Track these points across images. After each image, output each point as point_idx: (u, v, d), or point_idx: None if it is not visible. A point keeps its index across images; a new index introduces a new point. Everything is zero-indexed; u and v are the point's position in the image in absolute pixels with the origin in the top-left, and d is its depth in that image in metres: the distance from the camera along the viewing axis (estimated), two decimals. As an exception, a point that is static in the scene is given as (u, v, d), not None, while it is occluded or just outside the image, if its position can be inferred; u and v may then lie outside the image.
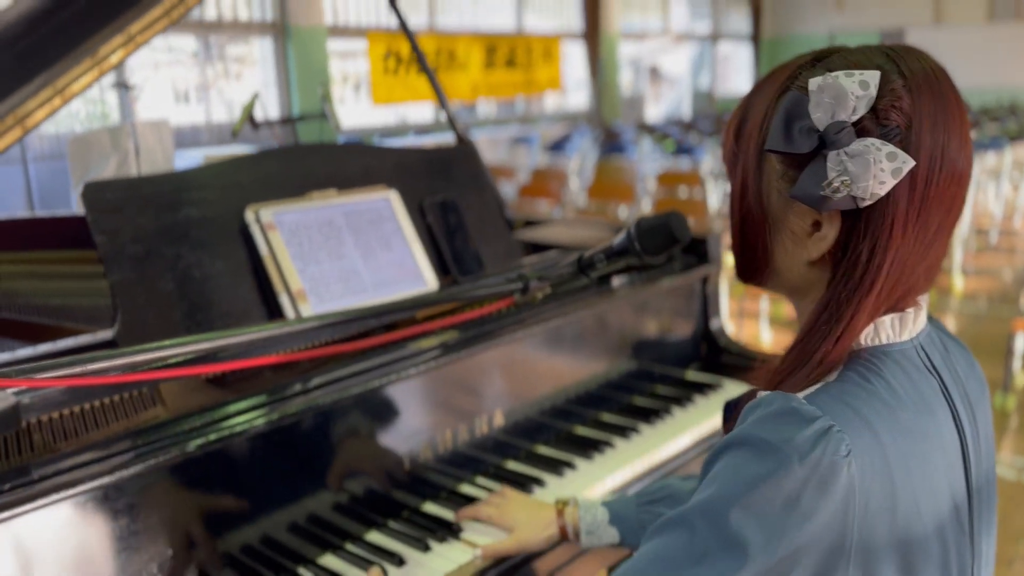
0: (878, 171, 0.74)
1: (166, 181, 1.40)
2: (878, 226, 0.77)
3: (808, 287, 0.86)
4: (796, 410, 0.76)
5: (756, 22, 18.12)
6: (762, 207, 0.84)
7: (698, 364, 1.96)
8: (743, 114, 0.87)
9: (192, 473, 1.13)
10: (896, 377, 0.81)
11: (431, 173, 1.74)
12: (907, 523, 0.78)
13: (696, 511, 0.79)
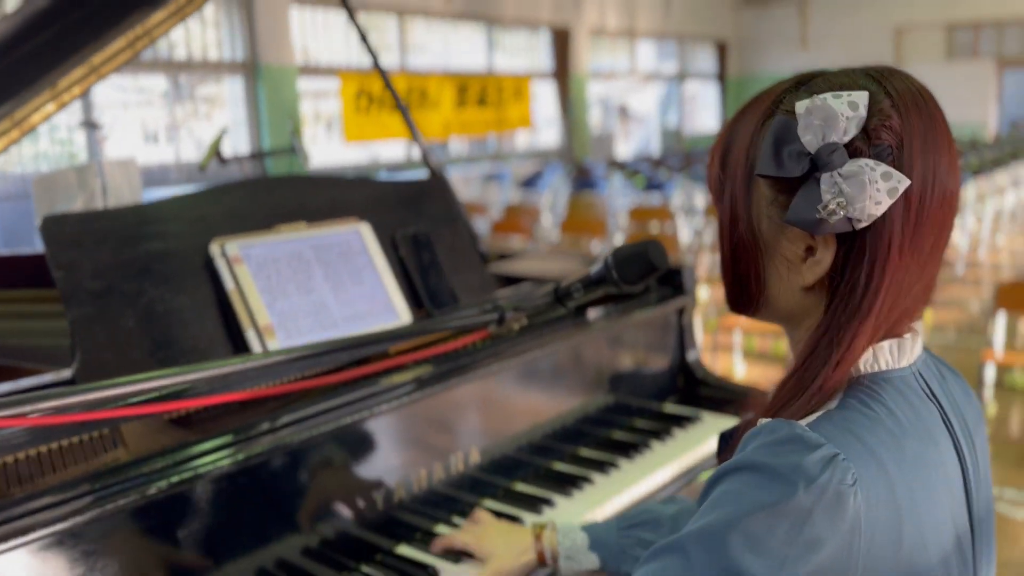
0: (874, 191, 0.73)
1: (128, 214, 1.35)
2: (876, 248, 0.76)
3: (803, 314, 0.84)
4: (801, 437, 0.74)
5: (722, 62, 18.48)
6: (753, 234, 0.82)
7: (676, 397, 1.94)
8: (727, 142, 0.85)
9: (154, 517, 1.07)
10: (898, 404, 0.79)
11: (403, 206, 1.71)
12: (912, 556, 0.75)
13: (692, 538, 0.75)
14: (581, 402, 1.70)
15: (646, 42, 16.50)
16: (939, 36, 16.42)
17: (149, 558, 1.07)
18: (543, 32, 13.85)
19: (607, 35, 15.35)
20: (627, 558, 1.17)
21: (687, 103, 17.66)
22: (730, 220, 0.84)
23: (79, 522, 0.99)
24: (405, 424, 1.36)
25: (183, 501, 1.09)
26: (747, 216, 0.82)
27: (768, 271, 0.83)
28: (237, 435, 1.17)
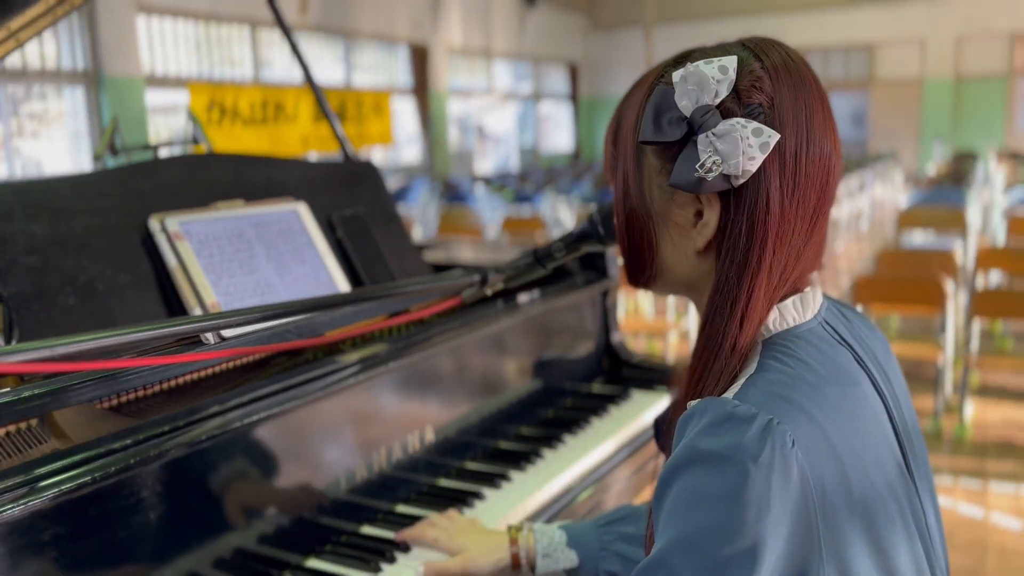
0: (746, 147, 0.76)
1: (61, 186, 1.25)
2: (754, 202, 0.79)
3: (701, 280, 0.87)
4: (733, 413, 0.75)
5: (574, 83, 19.08)
6: (645, 205, 0.86)
7: (602, 378, 1.98)
8: (618, 119, 0.89)
9: (93, 510, 0.97)
10: (812, 356, 0.82)
11: (335, 187, 1.67)
12: (863, 494, 0.78)
13: (671, 550, 0.76)
14: (515, 385, 1.71)
15: (502, 62, 16.81)
16: (770, 62, 17.62)
17: (94, 553, 0.97)
18: (401, 49, 13.84)
19: (464, 54, 15.52)
20: (607, 555, 1.16)
21: (542, 122, 18.10)
22: (623, 194, 0.87)
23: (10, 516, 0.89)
24: (344, 410, 1.30)
25: (125, 491, 1.00)
26: (638, 188, 0.86)
27: (662, 239, 0.86)
28: (182, 420, 1.09)
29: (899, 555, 0.82)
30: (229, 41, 11.13)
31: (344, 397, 1.29)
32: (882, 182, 13.05)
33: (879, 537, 0.80)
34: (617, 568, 1.14)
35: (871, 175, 11.66)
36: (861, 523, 0.78)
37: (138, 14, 9.58)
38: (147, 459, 1.01)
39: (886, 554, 0.81)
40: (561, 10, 18.46)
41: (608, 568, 1.15)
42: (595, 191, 8.64)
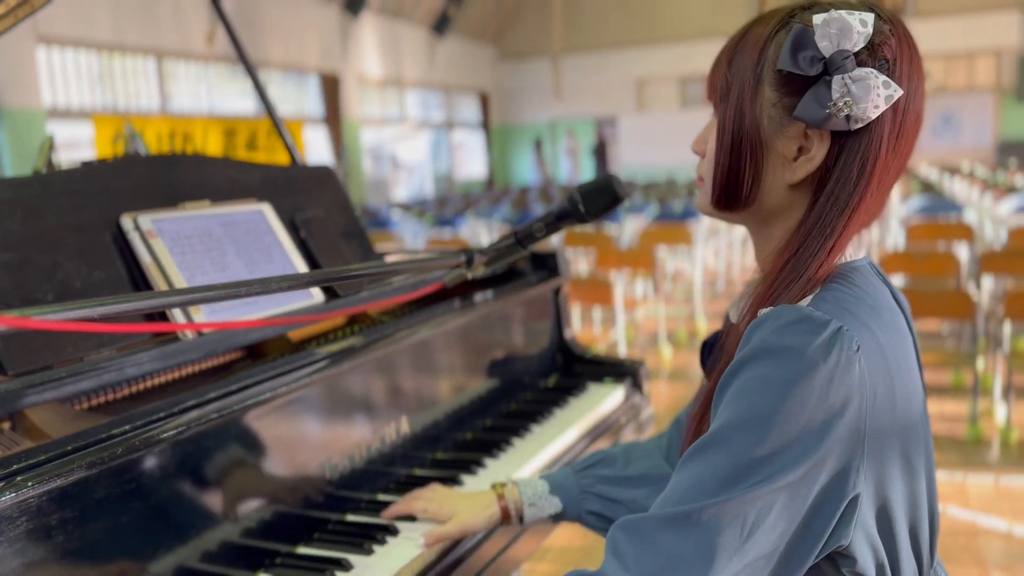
0: (875, 96, 0.85)
1: (32, 183, 1.24)
2: (869, 146, 0.87)
3: (785, 210, 0.94)
4: (809, 316, 0.83)
5: (485, 111, 19.30)
6: (756, 129, 0.92)
7: (557, 374, 2.04)
8: (735, 50, 0.95)
9: (75, 505, 0.96)
10: (867, 286, 0.91)
11: (296, 190, 1.69)
12: (904, 412, 0.86)
13: (730, 428, 0.82)
14: (476, 382, 1.74)
15: (414, 92, 16.90)
16: (674, 88, 18.32)
17: (79, 549, 0.96)
18: (312, 78, 13.76)
19: (375, 84, 15.54)
20: (588, 497, 1.23)
21: (456, 150, 18.22)
22: (735, 117, 0.93)
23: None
24: (308, 406, 1.32)
25: (106, 484, 0.99)
26: (752, 113, 0.92)
27: (764, 164, 0.93)
28: (160, 414, 1.08)
29: (920, 483, 0.89)
30: (134, 72, 10.87)
31: (302, 395, 1.29)
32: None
33: (910, 461, 0.88)
34: (598, 507, 1.22)
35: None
36: (899, 442, 0.86)
37: (38, 45, 9.27)
38: (123, 453, 1.00)
39: (912, 477, 0.88)
40: (470, 40, 18.72)
41: (589, 508, 1.22)
42: (514, 213, 8.77)
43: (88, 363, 1.15)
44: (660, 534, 0.83)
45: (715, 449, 0.83)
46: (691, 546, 0.81)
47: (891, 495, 0.86)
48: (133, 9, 10.45)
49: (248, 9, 12.15)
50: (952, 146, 16.36)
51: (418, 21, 16.72)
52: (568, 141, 16.70)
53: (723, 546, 0.80)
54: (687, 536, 0.81)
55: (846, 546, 0.85)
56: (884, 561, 0.88)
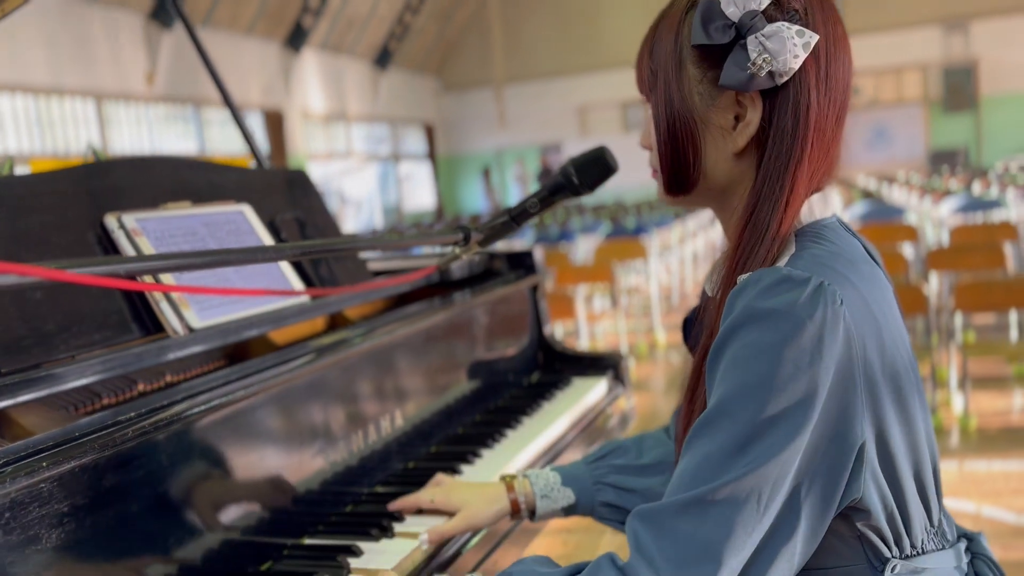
0: (791, 46, 0.87)
1: (15, 183, 1.21)
2: (798, 95, 0.89)
3: (737, 182, 0.96)
4: (789, 276, 0.84)
5: (431, 143, 19.38)
6: (689, 110, 0.94)
7: (539, 371, 2.05)
8: (653, 40, 0.98)
9: (71, 498, 0.93)
10: (840, 241, 0.93)
11: (273, 192, 1.68)
12: (893, 357, 0.88)
13: (729, 400, 0.82)
14: (461, 381, 1.74)
15: (359, 125, 16.89)
16: (616, 113, 18.64)
17: (72, 541, 0.92)
18: (254, 115, 13.68)
19: (320, 118, 15.51)
20: (602, 488, 1.21)
21: (404, 182, 18.23)
22: (666, 103, 0.95)
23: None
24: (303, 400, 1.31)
25: (103, 479, 0.96)
26: (680, 95, 0.94)
27: (705, 142, 0.95)
28: (151, 405, 1.06)
29: (917, 425, 0.91)
30: (73, 115, 10.68)
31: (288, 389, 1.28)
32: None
33: (905, 404, 0.89)
34: (613, 498, 1.20)
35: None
36: (892, 387, 0.87)
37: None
38: (116, 447, 0.97)
39: (910, 422, 0.90)
40: (413, 73, 18.83)
41: (603, 499, 1.20)
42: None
43: (79, 361, 1.12)
44: (678, 522, 0.82)
45: (717, 424, 0.83)
46: (710, 529, 0.81)
47: (892, 442, 0.87)
48: (70, 51, 10.30)
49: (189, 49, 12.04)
50: (886, 157, 16.90)
51: (360, 55, 16.77)
52: (517, 168, 16.84)
53: (743, 523, 0.80)
54: (705, 519, 0.81)
55: (859, 499, 0.86)
56: (894, 510, 0.89)
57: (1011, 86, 16.57)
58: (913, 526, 0.91)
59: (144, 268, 0.72)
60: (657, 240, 7.49)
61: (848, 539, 0.89)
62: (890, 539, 0.89)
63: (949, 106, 17.01)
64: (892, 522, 0.89)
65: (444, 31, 19.22)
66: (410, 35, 17.84)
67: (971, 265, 4.69)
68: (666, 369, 5.61)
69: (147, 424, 1.03)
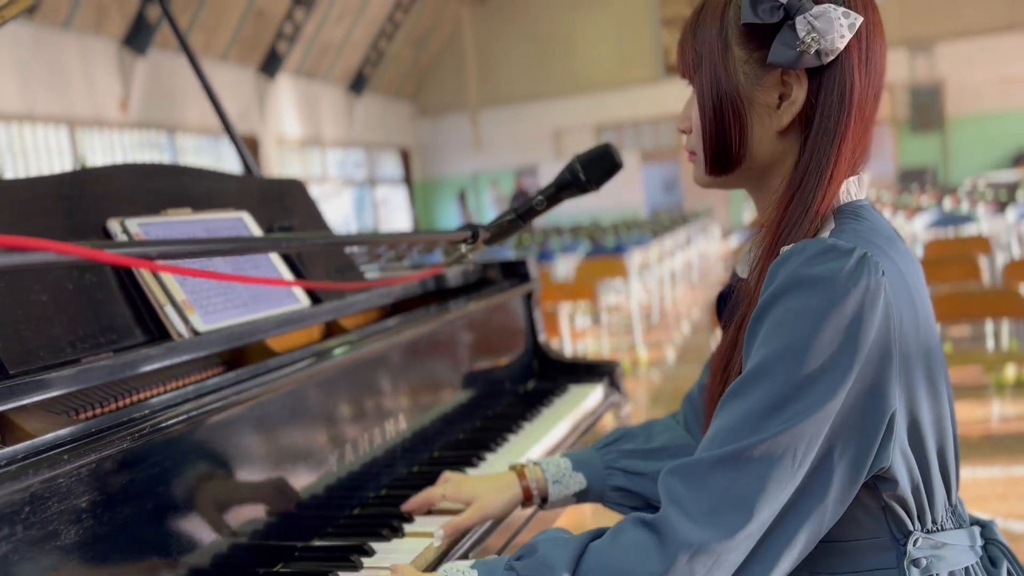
0: (838, 26, 0.90)
1: (18, 187, 1.21)
2: (842, 75, 0.93)
3: (780, 159, 0.98)
4: (834, 246, 0.86)
5: (407, 167, 19.41)
6: (735, 88, 0.97)
7: (535, 379, 2.05)
8: (695, 25, 1.00)
9: (83, 499, 0.93)
10: (877, 220, 0.96)
11: (271, 201, 1.68)
12: (926, 333, 0.91)
13: (770, 361, 0.84)
14: (458, 388, 1.74)
15: (334, 151, 16.89)
16: (590, 135, 18.78)
17: (79, 546, 0.91)
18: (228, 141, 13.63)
19: (295, 144, 15.50)
20: (613, 472, 1.22)
21: (380, 206, 18.23)
22: (712, 82, 0.98)
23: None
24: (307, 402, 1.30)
25: (106, 486, 0.95)
26: (727, 74, 0.97)
27: (751, 119, 0.97)
28: (154, 408, 1.05)
29: (944, 405, 0.93)
30: (46, 142, 10.59)
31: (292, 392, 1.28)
32: (704, 237, 14.04)
33: (934, 380, 0.91)
34: (623, 482, 1.21)
35: (694, 231, 12.54)
36: (924, 364, 0.89)
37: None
38: (122, 447, 0.96)
39: (938, 399, 0.92)
40: (388, 98, 18.89)
41: (614, 483, 1.21)
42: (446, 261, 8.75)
43: (86, 363, 1.11)
44: (714, 475, 0.84)
45: (756, 383, 0.85)
46: (746, 482, 0.83)
47: (920, 416, 0.90)
48: (43, 77, 10.23)
49: (163, 75, 12.03)
50: (856, 177, 17.15)
51: (335, 81, 16.81)
52: (493, 191, 16.91)
53: (777, 478, 0.83)
54: (740, 473, 0.83)
55: (887, 468, 0.88)
56: (919, 483, 0.91)
57: (976, 106, 16.95)
58: (936, 502, 0.92)
59: (177, 252, 0.72)
60: (638, 258, 7.54)
61: (873, 511, 0.91)
62: (914, 512, 0.91)
63: (916, 126, 17.34)
64: (917, 495, 0.91)
65: (419, 57, 19.32)
66: (385, 61, 17.91)
67: (947, 277, 4.77)
68: (648, 386, 5.63)
69: (155, 424, 1.02)
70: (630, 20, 18.39)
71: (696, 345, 6.88)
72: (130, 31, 11.40)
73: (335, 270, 1.71)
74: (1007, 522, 3.04)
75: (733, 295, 1.05)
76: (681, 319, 8.21)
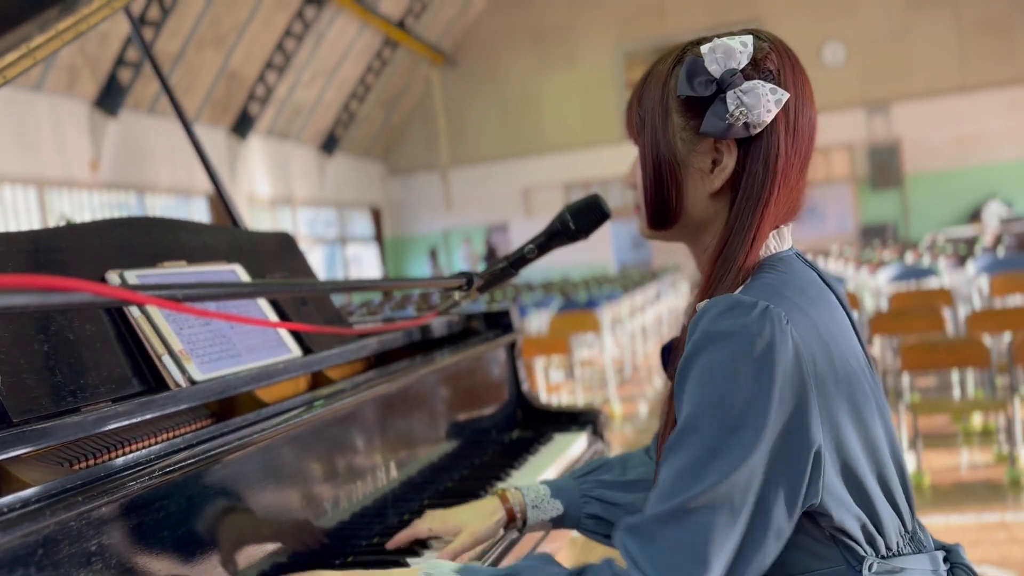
0: (766, 102, 0.98)
1: (21, 239, 1.23)
2: (768, 146, 1.00)
3: (712, 218, 1.06)
4: (740, 301, 0.94)
5: (378, 225, 19.49)
6: (672, 152, 1.04)
7: (519, 428, 2.07)
8: (642, 91, 1.08)
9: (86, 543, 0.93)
10: (792, 270, 1.03)
11: (262, 254, 1.71)
12: (844, 370, 0.97)
13: (694, 417, 0.91)
14: (443, 438, 1.76)
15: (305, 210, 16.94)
16: (558, 193, 19.06)
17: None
18: (199, 200, 13.65)
19: (266, 203, 15.53)
20: (588, 500, 1.28)
21: (351, 264, 18.23)
22: (652, 146, 1.06)
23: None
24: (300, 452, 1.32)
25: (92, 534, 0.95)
26: (665, 139, 1.05)
27: (685, 182, 1.05)
28: (150, 456, 1.06)
29: (875, 429, 0.99)
30: (13, 203, 10.52)
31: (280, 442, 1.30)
32: (673, 292, 14.22)
33: (859, 410, 0.97)
34: (598, 511, 1.27)
35: (664, 286, 12.70)
36: (846, 394, 0.95)
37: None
38: (110, 501, 0.98)
39: (866, 427, 0.97)
40: (359, 158, 19.07)
41: (589, 511, 1.27)
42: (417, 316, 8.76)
43: (86, 412, 1.13)
44: (662, 530, 0.90)
45: (687, 439, 0.91)
46: (692, 535, 0.88)
47: (849, 446, 0.95)
48: (13, 138, 10.22)
49: (134, 135, 12.07)
50: (818, 233, 17.56)
51: (306, 141, 16.95)
52: (465, 248, 17.03)
53: (720, 527, 0.88)
54: (684, 528, 0.89)
55: (818, 504, 0.93)
56: (860, 513, 0.96)
57: (933, 164, 17.51)
58: (885, 529, 0.97)
59: (202, 295, 0.75)
60: (610, 313, 7.62)
61: (823, 540, 0.96)
62: (862, 540, 0.96)
63: (876, 183, 17.84)
64: (862, 525, 0.96)
65: (390, 118, 19.58)
66: (356, 122, 18.13)
67: (912, 329, 4.89)
68: (623, 440, 5.65)
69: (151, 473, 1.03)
70: (595, 82, 18.86)
71: (669, 399, 6.92)
72: (102, 92, 11.46)
73: (325, 321, 1.74)
74: (981, 567, 3.08)
75: (676, 346, 1.10)
76: (653, 373, 8.28)
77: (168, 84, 1.91)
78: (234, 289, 0.83)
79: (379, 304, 11.56)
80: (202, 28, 12.48)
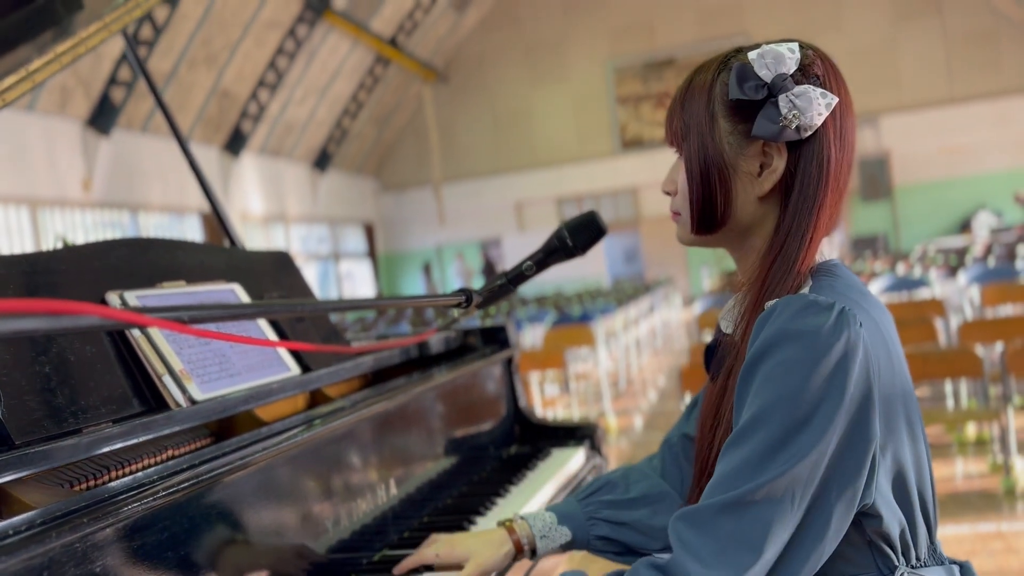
0: (817, 105, 1.00)
1: (21, 261, 1.24)
2: (820, 148, 1.02)
3: (760, 221, 1.07)
4: (815, 301, 0.95)
5: (371, 241, 19.50)
6: (720, 156, 1.05)
7: (517, 443, 2.08)
8: (684, 98, 1.09)
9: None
10: (849, 276, 1.05)
11: (260, 273, 1.72)
12: (902, 379, 0.99)
13: (765, 411, 0.92)
14: (442, 454, 1.76)
15: (298, 226, 16.94)
16: (551, 207, 19.11)
17: None
18: (192, 217, 13.64)
19: (259, 220, 15.53)
20: (595, 522, 1.28)
21: (344, 280, 18.21)
22: (700, 151, 1.06)
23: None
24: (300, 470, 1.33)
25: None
26: (713, 143, 1.05)
27: (733, 186, 1.06)
28: (151, 476, 1.07)
29: (922, 448, 1.01)
30: (5, 222, 10.50)
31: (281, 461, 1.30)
32: (666, 305, 14.26)
33: (912, 424, 0.99)
34: (606, 532, 1.27)
35: (657, 299, 12.73)
36: (903, 407, 0.97)
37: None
38: (113, 523, 0.98)
39: (916, 441, 0.99)
40: (352, 174, 19.09)
41: (598, 533, 1.27)
42: (413, 333, 8.77)
43: (88, 433, 1.13)
44: (720, 520, 0.91)
45: (753, 431, 0.92)
46: (750, 525, 0.90)
47: (902, 455, 0.97)
48: (5, 158, 10.21)
49: (127, 155, 12.07)
50: (811, 245, 17.62)
51: (299, 158, 16.97)
52: (458, 263, 17.04)
53: (779, 519, 0.90)
54: (744, 517, 0.90)
55: (870, 504, 0.94)
56: (902, 519, 0.98)
57: (922, 176, 17.62)
58: (919, 539, 0.98)
59: (206, 316, 0.76)
60: (603, 326, 7.62)
61: (860, 546, 0.97)
62: (898, 548, 0.97)
63: (866, 195, 17.94)
64: (901, 532, 0.97)
65: (382, 134, 19.63)
66: (349, 138, 18.16)
67: (905, 339, 4.88)
68: (618, 453, 5.64)
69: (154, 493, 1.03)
70: (587, 98, 18.94)
71: (663, 412, 6.94)
72: (94, 112, 11.47)
73: (323, 339, 1.75)
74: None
75: (719, 348, 1.12)
76: (647, 386, 8.28)
77: (163, 102, 1.92)
78: (239, 310, 0.84)
79: (373, 320, 11.56)
80: (194, 47, 12.51)
